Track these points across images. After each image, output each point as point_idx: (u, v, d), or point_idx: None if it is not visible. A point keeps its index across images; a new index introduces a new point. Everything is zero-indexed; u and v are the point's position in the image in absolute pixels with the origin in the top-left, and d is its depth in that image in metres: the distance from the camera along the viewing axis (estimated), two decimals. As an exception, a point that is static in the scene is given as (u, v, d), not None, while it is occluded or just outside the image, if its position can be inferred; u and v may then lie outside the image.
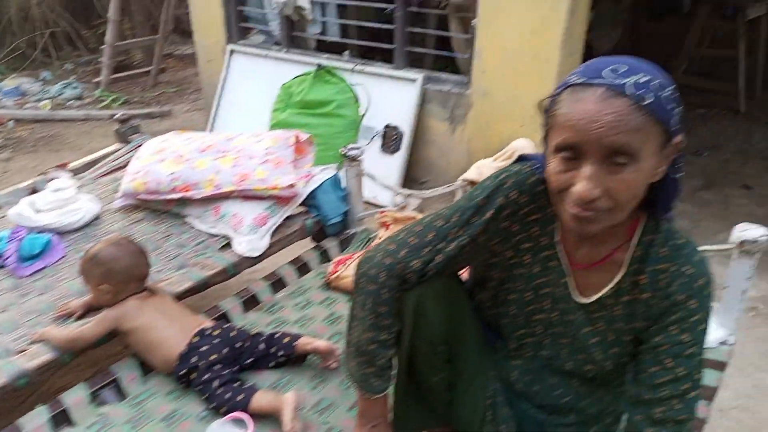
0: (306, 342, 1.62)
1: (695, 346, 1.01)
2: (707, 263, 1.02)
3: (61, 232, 2.11)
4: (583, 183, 0.87)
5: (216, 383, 1.50)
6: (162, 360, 1.59)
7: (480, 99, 3.30)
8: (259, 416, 1.48)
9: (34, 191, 2.41)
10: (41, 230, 2.06)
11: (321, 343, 1.62)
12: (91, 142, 4.59)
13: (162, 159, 2.17)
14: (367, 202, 3.20)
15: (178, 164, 2.13)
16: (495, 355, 1.28)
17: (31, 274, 1.91)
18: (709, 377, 1.56)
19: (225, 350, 1.58)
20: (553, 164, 0.92)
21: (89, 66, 6.42)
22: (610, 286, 1.06)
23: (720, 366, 1.59)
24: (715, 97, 5.72)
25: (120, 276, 1.64)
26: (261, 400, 1.47)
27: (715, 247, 1.64)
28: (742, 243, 1.53)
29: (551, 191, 0.96)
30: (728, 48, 5.44)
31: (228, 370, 1.54)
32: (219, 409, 1.49)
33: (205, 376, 1.52)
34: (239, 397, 1.47)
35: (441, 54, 3.74)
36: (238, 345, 1.62)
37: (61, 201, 2.19)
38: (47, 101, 5.17)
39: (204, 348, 1.56)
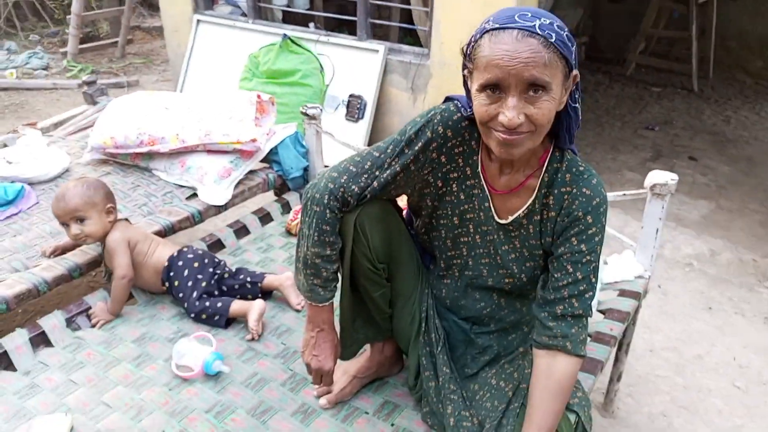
0: (274, 278, 1.82)
1: (591, 255, 1.19)
2: (603, 186, 1.20)
3: (33, 183, 2.21)
4: (509, 112, 1.03)
5: (195, 294, 1.71)
6: (153, 269, 1.76)
7: (439, 69, 3.45)
8: (221, 337, 1.65)
9: (4, 146, 2.49)
10: (13, 180, 2.16)
11: (285, 280, 1.82)
12: (59, 110, 4.60)
13: (129, 115, 2.27)
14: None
15: (145, 120, 2.24)
16: (429, 276, 1.45)
17: (5, 219, 2.01)
18: (624, 303, 1.77)
19: (206, 260, 1.78)
20: (479, 100, 1.08)
21: (55, 37, 6.38)
22: (524, 207, 1.24)
23: (635, 295, 1.80)
24: (670, 76, 5.99)
25: (113, 199, 1.79)
26: (235, 306, 1.70)
27: (632, 192, 1.82)
28: (653, 187, 1.72)
29: (479, 123, 1.12)
30: (684, 30, 5.69)
31: (205, 284, 1.74)
32: (199, 315, 1.69)
33: (189, 283, 1.72)
34: (219, 304, 1.70)
35: (402, 27, 3.87)
36: (217, 261, 1.82)
37: (32, 154, 2.29)
38: (12, 70, 5.15)
39: (190, 255, 1.77)
